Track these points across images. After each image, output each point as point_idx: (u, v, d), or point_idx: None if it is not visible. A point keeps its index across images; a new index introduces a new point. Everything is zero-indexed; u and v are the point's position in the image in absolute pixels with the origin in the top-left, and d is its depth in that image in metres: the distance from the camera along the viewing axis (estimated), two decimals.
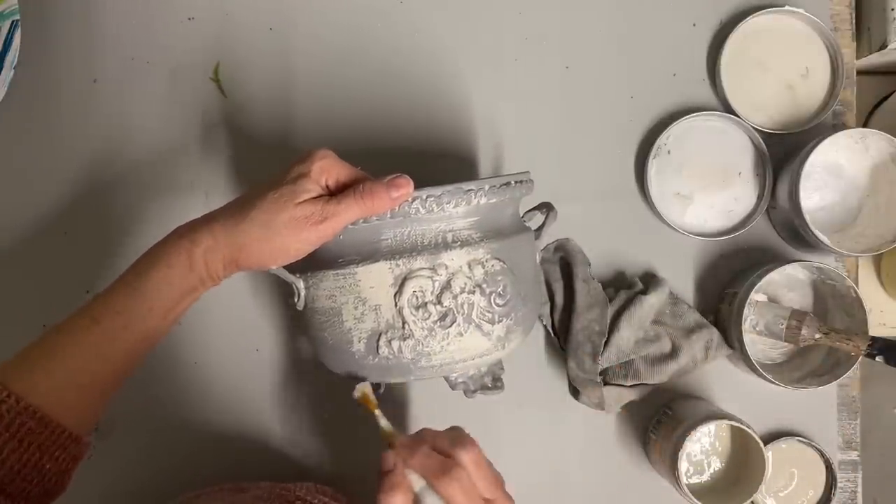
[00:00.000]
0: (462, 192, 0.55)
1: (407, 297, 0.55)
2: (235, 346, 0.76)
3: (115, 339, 0.49)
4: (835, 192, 0.74)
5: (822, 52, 0.76)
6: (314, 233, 0.51)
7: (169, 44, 0.77)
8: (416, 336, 0.55)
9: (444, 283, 0.55)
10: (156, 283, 0.50)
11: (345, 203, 0.52)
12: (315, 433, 0.76)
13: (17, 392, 0.45)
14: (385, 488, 0.48)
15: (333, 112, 0.77)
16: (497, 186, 0.57)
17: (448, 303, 0.55)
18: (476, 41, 0.77)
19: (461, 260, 0.55)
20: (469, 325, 0.56)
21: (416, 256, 0.55)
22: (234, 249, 0.51)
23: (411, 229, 0.55)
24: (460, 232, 0.56)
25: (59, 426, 0.47)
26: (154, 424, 0.75)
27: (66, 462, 0.48)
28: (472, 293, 0.56)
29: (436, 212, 0.55)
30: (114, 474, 0.75)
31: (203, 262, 0.51)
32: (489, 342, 0.57)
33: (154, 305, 0.50)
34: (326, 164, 0.53)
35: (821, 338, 0.70)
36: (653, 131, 0.77)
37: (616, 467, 0.76)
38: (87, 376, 0.48)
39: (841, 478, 0.75)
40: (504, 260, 0.57)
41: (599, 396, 0.71)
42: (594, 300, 0.73)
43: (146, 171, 0.76)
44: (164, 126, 0.77)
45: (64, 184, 0.76)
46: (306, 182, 0.52)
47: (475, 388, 0.61)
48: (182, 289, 0.51)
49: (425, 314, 0.55)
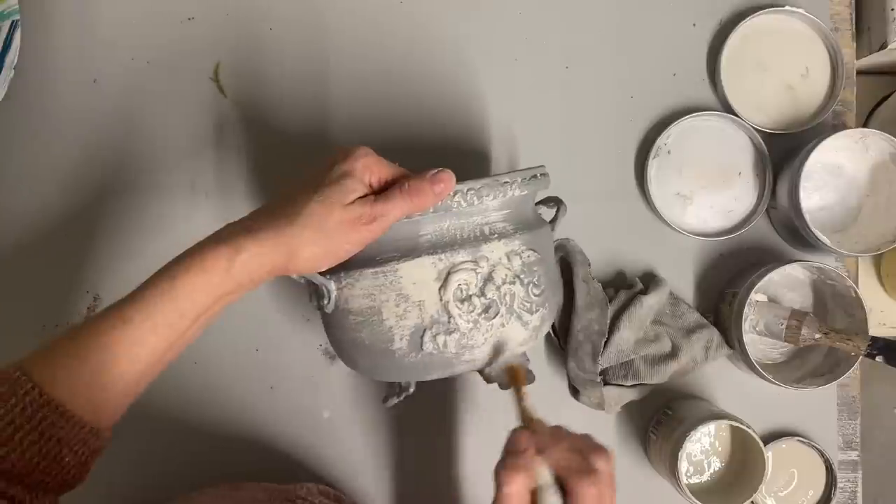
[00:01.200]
0: (499, 184, 0.56)
1: (452, 291, 0.55)
2: (235, 346, 0.76)
3: (143, 340, 0.48)
4: (835, 192, 0.74)
5: (822, 52, 0.76)
6: (366, 233, 0.51)
7: (169, 44, 0.77)
8: (462, 329, 0.55)
9: (486, 275, 0.55)
10: (189, 289, 0.48)
11: (392, 201, 0.52)
12: (315, 433, 0.76)
13: (40, 384, 0.45)
14: (509, 466, 0.48)
15: (333, 111, 0.77)
16: (527, 179, 0.58)
17: (492, 294, 0.55)
18: (476, 41, 0.77)
19: (500, 252, 0.56)
20: (511, 316, 0.56)
21: (459, 250, 0.55)
22: (284, 255, 0.50)
23: (450, 223, 0.56)
24: (495, 224, 0.57)
25: (80, 420, 0.46)
26: (154, 424, 0.75)
27: (86, 455, 0.48)
28: (512, 284, 0.56)
29: (476, 205, 0.55)
30: (114, 474, 0.75)
31: (245, 269, 0.49)
32: (527, 332, 0.58)
33: (186, 310, 0.49)
34: (369, 162, 0.53)
35: (821, 338, 0.70)
36: (653, 131, 0.77)
37: (616, 467, 0.76)
38: (112, 375, 0.47)
39: (841, 478, 0.75)
40: (537, 250, 0.58)
41: (599, 396, 0.71)
42: (594, 300, 0.73)
43: (146, 171, 0.76)
44: (164, 126, 0.77)
45: (64, 184, 0.76)
46: (352, 182, 0.51)
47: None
48: (216, 295, 0.49)
49: (470, 307, 0.55)
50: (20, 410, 0.45)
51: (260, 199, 0.76)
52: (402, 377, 0.60)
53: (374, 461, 0.76)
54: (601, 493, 0.48)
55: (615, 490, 0.49)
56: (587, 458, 0.48)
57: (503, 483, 0.48)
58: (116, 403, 0.49)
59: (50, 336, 0.49)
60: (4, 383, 0.45)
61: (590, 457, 0.49)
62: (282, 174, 0.76)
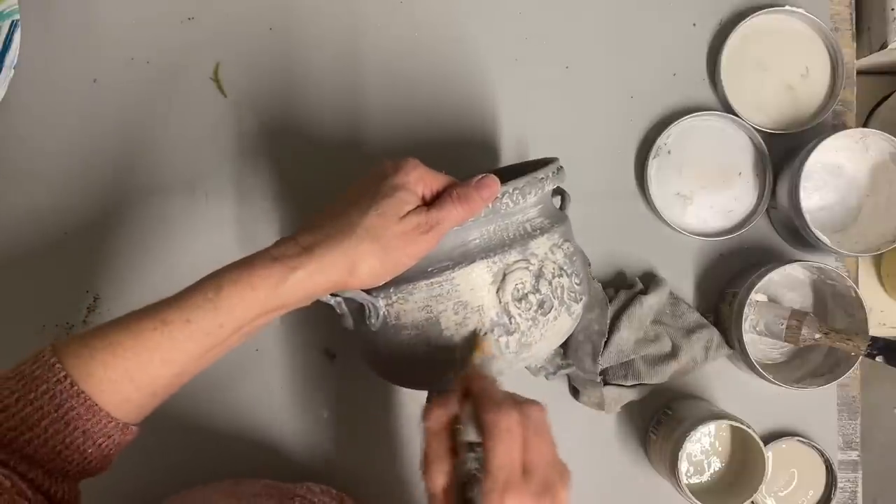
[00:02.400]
0: (537, 181, 0.56)
1: (510, 291, 0.55)
2: (236, 347, 0.76)
3: (179, 346, 0.48)
4: (835, 192, 0.74)
5: (822, 52, 0.76)
6: (423, 243, 0.51)
7: (169, 44, 0.77)
8: (522, 328, 0.56)
9: (537, 271, 0.56)
10: (234, 303, 0.48)
11: (446, 209, 0.51)
12: (315, 433, 0.76)
13: (73, 375, 0.45)
14: (433, 403, 0.48)
15: (333, 111, 0.77)
16: (556, 172, 0.59)
17: (545, 290, 0.56)
18: (476, 41, 0.77)
19: (545, 246, 0.57)
20: (562, 308, 0.57)
21: (509, 251, 0.55)
22: (344, 270, 0.49)
23: (496, 226, 0.56)
24: (534, 220, 0.58)
25: (107, 415, 0.47)
26: (154, 424, 0.75)
27: (110, 448, 0.48)
28: (560, 276, 0.57)
29: (520, 204, 0.56)
30: (114, 474, 0.75)
31: (301, 287, 0.49)
32: (572, 320, 0.59)
33: (226, 322, 0.48)
34: (421, 174, 0.52)
35: (821, 338, 0.70)
36: (653, 131, 0.77)
37: (616, 467, 0.76)
38: (144, 376, 0.47)
39: (841, 478, 0.75)
40: (570, 241, 0.60)
41: (599, 396, 0.71)
42: (594, 300, 0.73)
43: (146, 171, 0.76)
44: (164, 126, 0.77)
45: (64, 184, 0.76)
46: (406, 194, 0.51)
47: (553, 369, 0.63)
48: (260, 310, 0.49)
49: (527, 305, 0.55)
50: (49, 398, 0.45)
51: (259, 198, 0.76)
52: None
53: (374, 461, 0.76)
54: (511, 430, 0.44)
55: (545, 440, 0.46)
56: (509, 401, 0.46)
57: (424, 419, 0.47)
58: (146, 402, 0.49)
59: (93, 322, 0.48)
60: (40, 366, 0.46)
61: (514, 400, 0.46)
62: (281, 173, 0.76)
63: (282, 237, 0.51)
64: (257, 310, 0.49)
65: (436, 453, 0.46)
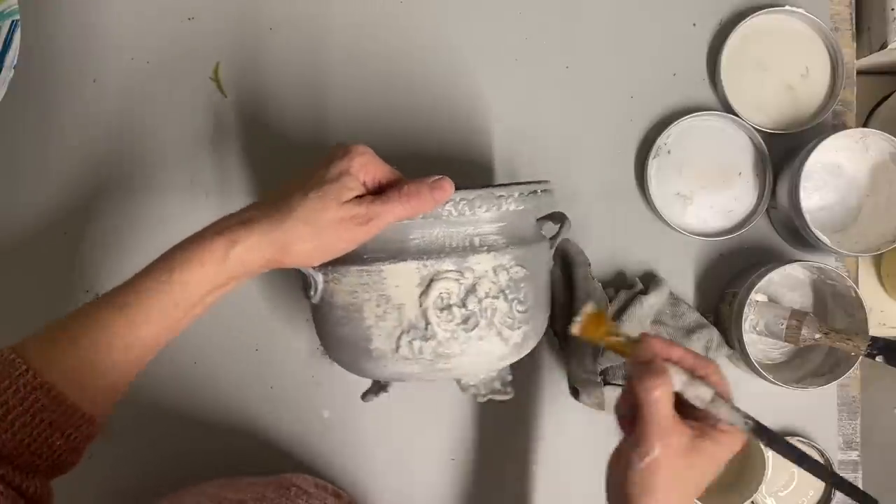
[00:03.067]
0: (493, 197, 0.55)
1: (433, 299, 0.55)
2: (235, 346, 0.76)
3: (137, 328, 0.49)
4: (835, 192, 0.74)
5: (822, 52, 0.76)
6: (359, 232, 0.51)
7: (169, 44, 0.77)
8: (439, 338, 0.55)
9: (469, 286, 0.55)
10: (185, 280, 0.49)
11: (389, 203, 0.52)
12: (316, 433, 0.76)
13: (35, 368, 0.46)
14: (646, 375, 0.49)
15: (333, 112, 0.77)
16: (526, 194, 0.57)
17: (472, 306, 0.55)
18: (476, 41, 0.77)
19: (487, 265, 0.56)
20: (490, 330, 0.56)
21: (445, 258, 0.55)
22: (278, 248, 0.51)
23: (440, 230, 0.55)
24: (487, 236, 0.57)
25: (72, 406, 0.47)
26: (154, 424, 0.75)
27: (78, 440, 0.48)
28: (496, 298, 0.56)
29: (467, 215, 0.55)
30: (114, 474, 0.75)
31: (240, 261, 0.50)
32: (506, 348, 0.58)
33: (180, 300, 0.50)
34: (366, 161, 0.53)
35: (821, 338, 0.70)
36: (653, 131, 0.77)
37: None
38: (105, 361, 0.48)
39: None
40: (526, 267, 0.58)
41: (599, 396, 0.71)
42: (594, 300, 0.73)
43: (146, 171, 0.76)
44: (164, 126, 0.77)
45: (64, 184, 0.76)
46: (349, 180, 0.52)
47: (486, 392, 0.61)
48: (210, 285, 0.50)
49: (449, 316, 0.55)
50: (13, 392, 0.45)
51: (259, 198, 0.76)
52: (379, 377, 0.60)
53: (374, 461, 0.76)
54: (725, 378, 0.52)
55: None
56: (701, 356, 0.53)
57: (648, 390, 0.49)
58: (110, 390, 0.50)
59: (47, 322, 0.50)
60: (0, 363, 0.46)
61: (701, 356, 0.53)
62: (281, 173, 0.76)
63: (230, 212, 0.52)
64: (208, 285, 0.50)
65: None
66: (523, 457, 0.76)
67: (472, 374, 0.60)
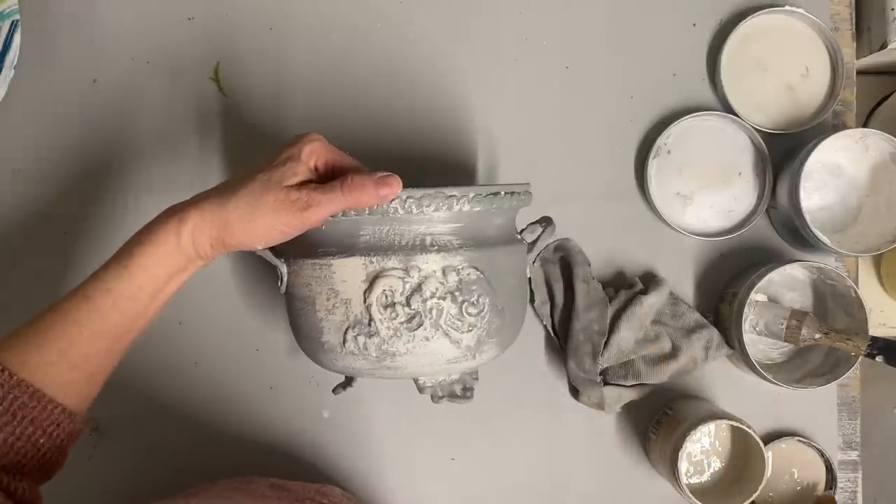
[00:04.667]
0: (444, 196, 0.55)
1: (376, 295, 0.55)
2: (235, 346, 0.76)
3: (105, 317, 0.50)
4: (835, 192, 0.74)
5: (822, 52, 0.76)
6: (298, 218, 0.52)
7: (169, 44, 0.77)
8: (382, 335, 0.55)
9: (414, 285, 0.55)
10: (144, 263, 0.51)
11: (330, 193, 0.52)
12: (315, 433, 0.76)
13: (10, 367, 0.47)
14: None
15: (334, 112, 0.77)
16: (483, 195, 0.56)
17: (416, 306, 0.55)
18: (476, 41, 0.77)
19: (436, 265, 0.55)
20: (436, 331, 0.55)
21: (391, 256, 0.55)
22: (220, 228, 0.51)
23: (390, 228, 0.55)
24: (440, 237, 0.56)
25: (51, 401, 0.47)
26: (154, 424, 0.75)
27: (62, 438, 0.49)
28: (442, 299, 0.55)
29: (415, 213, 0.54)
30: (114, 474, 0.75)
31: (191, 241, 0.51)
32: (458, 350, 0.57)
33: (143, 284, 0.51)
34: (315, 147, 0.54)
35: (821, 338, 0.70)
36: (653, 131, 0.77)
37: (616, 467, 0.76)
38: (78, 353, 0.49)
39: (841, 478, 0.75)
40: (482, 270, 0.56)
41: (599, 396, 0.71)
42: (594, 300, 0.73)
43: (146, 171, 0.76)
44: (164, 126, 0.77)
45: (64, 184, 0.76)
46: (295, 165, 0.52)
47: (443, 394, 0.61)
48: (170, 268, 0.51)
49: (392, 314, 0.55)
50: None
51: None
52: (333, 370, 0.61)
53: (374, 461, 0.76)
54: None
55: None
56: None
57: None
58: (87, 382, 0.50)
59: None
60: None
61: None
62: None
63: None
64: (166, 266, 0.51)
65: None
66: (523, 457, 0.76)
67: (427, 375, 0.60)
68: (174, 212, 0.52)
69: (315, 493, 0.66)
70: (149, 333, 0.75)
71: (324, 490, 0.67)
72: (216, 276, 0.76)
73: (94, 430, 0.75)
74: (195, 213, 0.51)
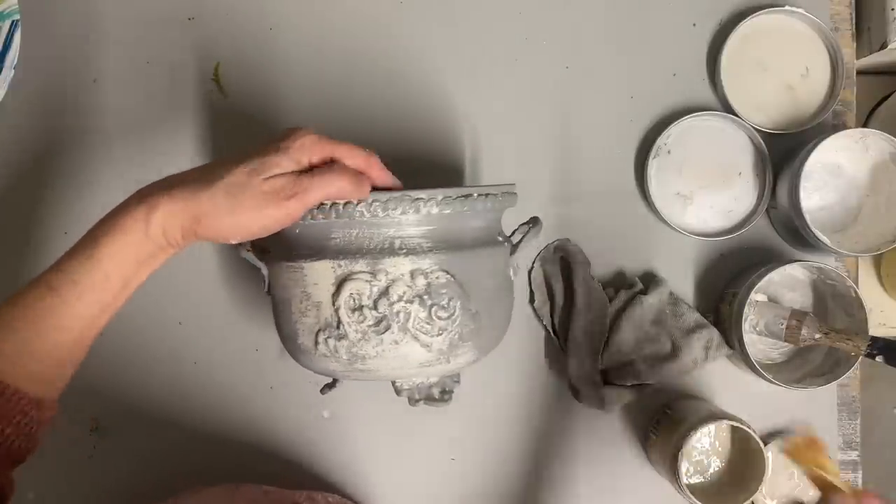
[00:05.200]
0: (410, 200, 0.54)
1: (344, 299, 0.55)
2: (235, 346, 0.76)
3: (70, 308, 0.48)
4: (835, 192, 0.74)
5: (822, 52, 0.76)
6: (281, 209, 0.49)
7: (169, 44, 0.77)
8: (351, 338, 0.55)
9: (382, 289, 0.54)
10: (111, 252, 0.48)
11: (320, 179, 0.50)
12: (315, 433, 0.76)
13: None
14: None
15: (334, 112, 0.77)
16: (453, 198, 0.55)
17: (383, 309, 0.54)
18: (476, 41, 0.77)
19: (404, 268, 0.55)
20: (405, 335, 0.55)
21: (359, 259, 0.54)
22: (193, 219, 0.49)
23: (359, 231, 0.55)
24: (410, 240, 0.55)
25: (16, 392, 0.46)
26: (154, 424, 0.75)
27: (29, 426, 0.47)
28: (409, 303, 0.55)
29: (381, 216, 0.54)
30: (114, 474, 0.75)
31: (161, 229, 0.49)
32: (429, 354, 0.56)
33: (111, 274, 0.48)
34: (307, 142, 0.51)
35: (821, 338, 0.70)
36: (653, 131, 0.77)
37: (616, 467, 0.76)
38: (44, 344, 0.47)
39: (841, 478, 0.75)
40: (454, 273, 0.56)
41: (599, 396, 0.71)
42: (594, 300, 0.73)
43: (146, 171, 0.76)
44: (164, 126, 0.77)
45: (64, 184, 0.76)
46: (282, 157, 0.50)
47: (419, 397, 0.61)
48: (139, 256, 0.49)
49: (360, 317, 0.55)
50: None
51: None
52: (312, 370, 0.61)
53: (374, 461, 0.76)
54: None
55: None
56: None
57: None
58: (56, 371, 0.49)
59: None
60: None
61: None
62: None
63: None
64: (134, 254, 0.49)
65: None
66: (523, 457, 0.76)
67: (402, 378, 0.59)
68: (143, 197, 0.49)
69: (305, 499, 0.65)
70: (149, 333, 0.76)
71: (316, 496, 0.67)
72: (216, 276, 0.76)
73: (95, 430, 0.75)
74: (166, 200, 0.48)
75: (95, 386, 0.74)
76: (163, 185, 0.50)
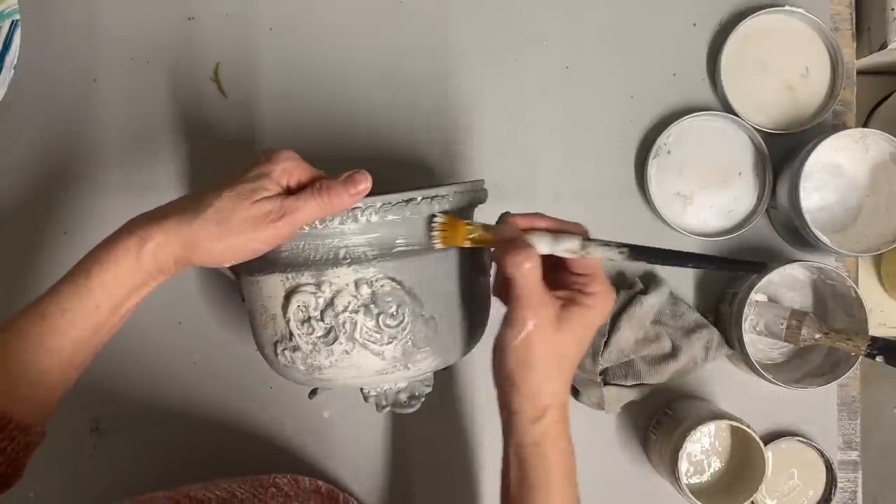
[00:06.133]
0: (347, 209, 0.53)
1: (293, 311, 0.55)
2: (235, 346, 0.76)
3: (61, 335, 0.49)
4: (835, 192, 0.74)
5: (822, 52, 0.76)
6: (271, 231, 0.50)
7: (169, 44, 0.77)
8: (304, 349, 0.55)
9: (327, 300, 0.54)
10: (103, 281, 0.49)
11: (303, 200, 0.51)
12: (316, 433, 0.76)
13: None
14: (512, 252, 0.50)
15: (334, 113, 0.77)
16: (393, 204, 0.54)
17: (329, 320, 0.54)
18: (476, 41, 0.77)
19: (347, 278, 0.54)
20: (353, 345, 0.55)
21: (304, 271, 0.54)
22: (186, 247, 0.50)
23: (305, 243, 0.55)
24: (355, 249, 0.55)
25: (4, 416, 0.46)
26: (154, 424, 0.75)
27: (16, 451, 0.48)
28: (355, 312, 0.54)
29: (320, 228, 0.53)
30: (114, 474, 0.75)
31: (152, 259, 0.50)
32: (384, 362, 0.56)
33: (102, 302, 0.49)
34: (290, 166, 0.52)
35: (821, 338, 0.70)
36: (653, 131, 0.77)
37: (616, 467, 0.76)
38: (34, 370, 0.48)
39: (841, 478, 0.75)
40: (401, 280, 0.55)
41: (599, 396, 0.72)
42: None
43: (145, 171, 0.76)
44: (164, 126, 0.77)
45: (64, 183, 0.76)
46: (266, 181, 0.51)
47: (386, 403, 0.61)
48: (130, 285, 0.50)
49: (309, 329, 0.55)
50: None
51: None
52: (285, 378, 0.60)
53: (374, 461, 0.76)
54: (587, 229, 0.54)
55: None
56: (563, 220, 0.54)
57: (517, 265, 0.50)
58: (44, 397, 0.49)
59: None
60: None
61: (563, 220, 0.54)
62: None
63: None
64: (127, 284, 0.50)
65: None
66: None
67: (365, 386, 0.59)
68: (134, 229, 0.50)
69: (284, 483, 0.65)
70: (149, 333, 0.76)
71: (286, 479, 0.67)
72: (216, 277, 0.76)
73: (95, 430, 0.75)
74: (157, 231, 0.50)
75: (95, 386, 0.74)
76: (153, 216, 0.51)
